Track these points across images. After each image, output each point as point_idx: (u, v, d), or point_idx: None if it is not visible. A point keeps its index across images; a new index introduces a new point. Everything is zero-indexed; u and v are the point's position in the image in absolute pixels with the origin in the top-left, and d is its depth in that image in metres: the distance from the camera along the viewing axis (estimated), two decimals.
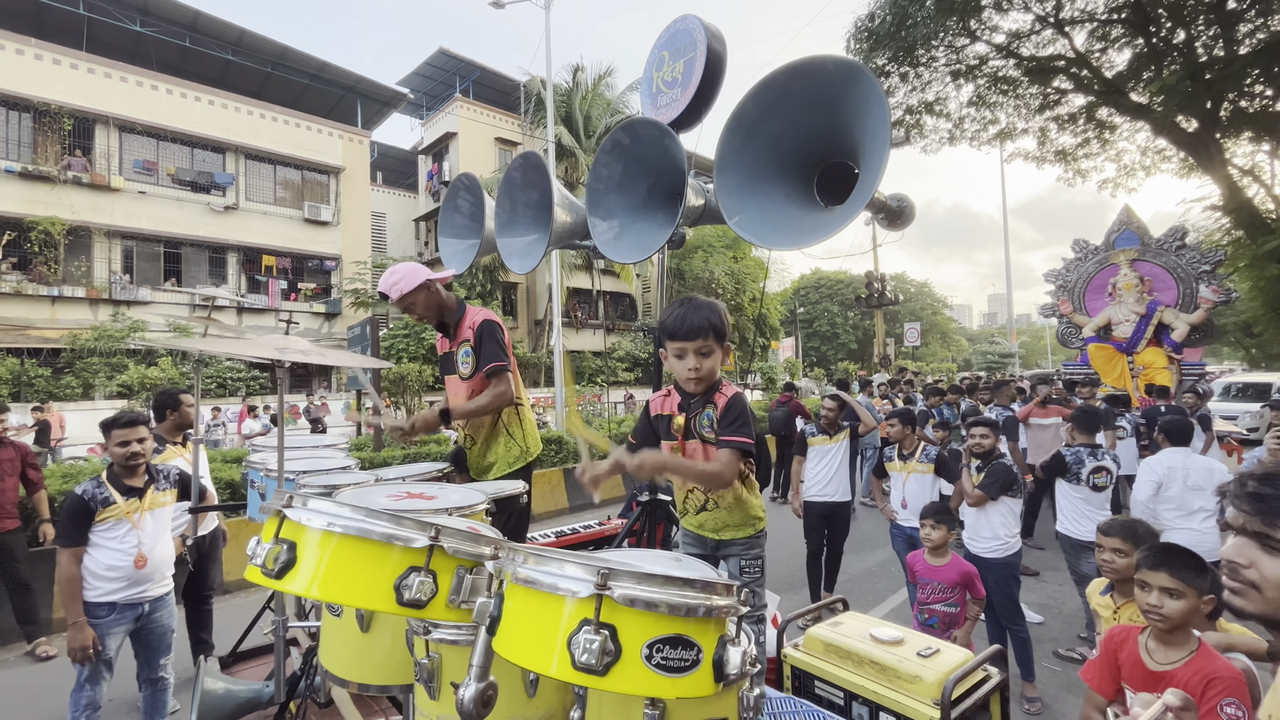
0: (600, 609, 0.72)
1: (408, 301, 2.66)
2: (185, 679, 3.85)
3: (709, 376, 1.84)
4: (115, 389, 14.87)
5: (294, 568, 0.85)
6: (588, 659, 0.69)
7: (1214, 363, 32.49)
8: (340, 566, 0.86)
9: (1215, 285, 9.91)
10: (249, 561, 0.91)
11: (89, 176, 16.86)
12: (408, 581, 0.84)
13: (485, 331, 2.66)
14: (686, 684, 0.74)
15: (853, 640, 2.35)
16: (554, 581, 0.76)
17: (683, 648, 0.74)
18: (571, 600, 0.74)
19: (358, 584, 0.85)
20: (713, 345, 1.81)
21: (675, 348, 1.84)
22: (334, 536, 0.86)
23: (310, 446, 3.09)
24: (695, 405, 1.90)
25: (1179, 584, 1.77)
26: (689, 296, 1.87)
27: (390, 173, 29.54)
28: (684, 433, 1.91)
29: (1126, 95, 10.27)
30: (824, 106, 1.97)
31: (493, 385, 2.65)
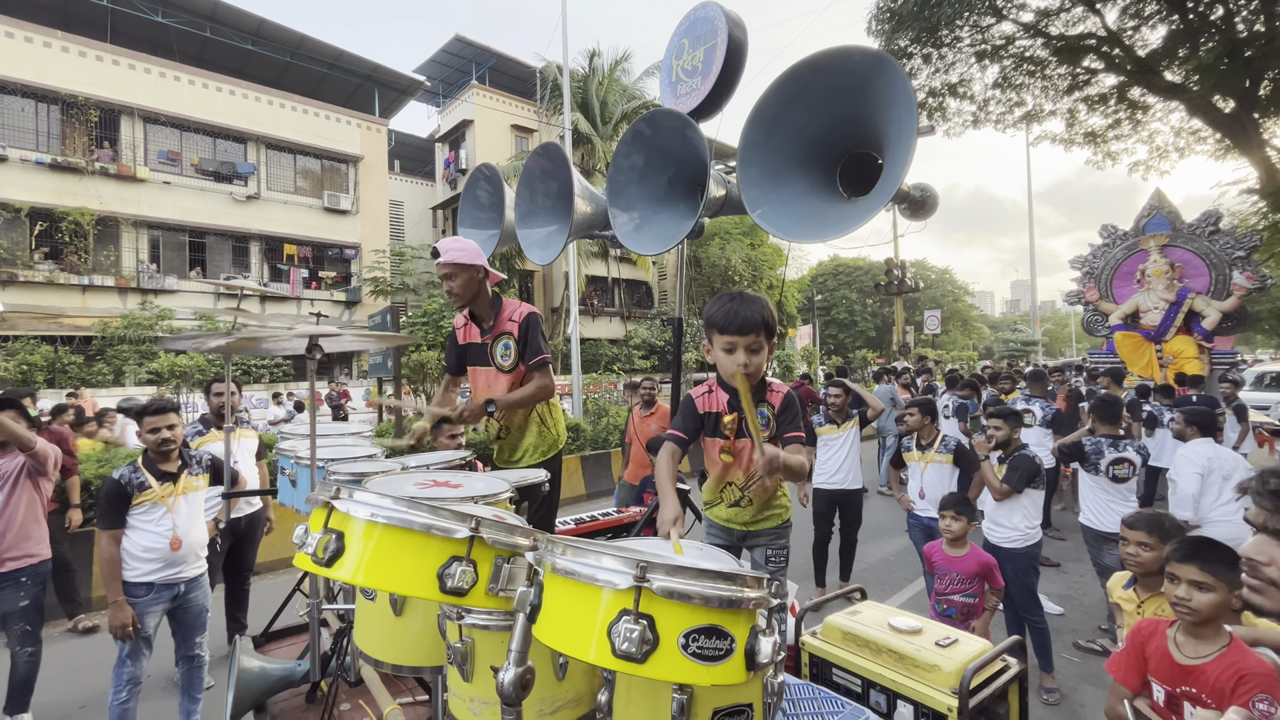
0: (639, 600, 0.75)
1: (454, 272, 2.65)
2: (220, 657, 4.01)
3: (757, 372, 1.83)
4: (145, 375, 15.27)
5: (342, 556, 0.90)
6: (628, 647, 0.72)
7: (1246, 351, 31.60)
8: (386, 555, 0.90)
9: (1249, 271, 9.63)
10: (298, 549, 0.95)
11: (116, 167, 17.19)
12: (450, 570, 0.88)
13: (531, 324, 2.69)
14: (720, 672, 0.77)
15: (871, 629, 2.37)
16: (593, 573, 0.79)
17: (717, 637, 0.77)
18: (610, 591, 0.77)
19: (403, 572, 0.90)
20: (763, 341, 1.79)
21: (725, 342, 1.81)
22: (379, 527, 0.90)
23: (337, 434, 3.16)
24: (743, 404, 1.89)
25: (1208, 577, 1.76)
26: (739, 290, 1.85)
27: (407, 161, 29.67)
28: (735, 431, 1.91)
29: (1160, 74, 9.93)
30: (848, 97, 1.95)
31: (537, 378, 2.68)
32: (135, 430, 3.07)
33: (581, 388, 12.33)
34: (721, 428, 1.90)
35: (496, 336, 2.75)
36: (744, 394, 1.63)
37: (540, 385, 2.67)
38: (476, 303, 2.76)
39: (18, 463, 3.38)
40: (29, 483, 3.39)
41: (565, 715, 1.18)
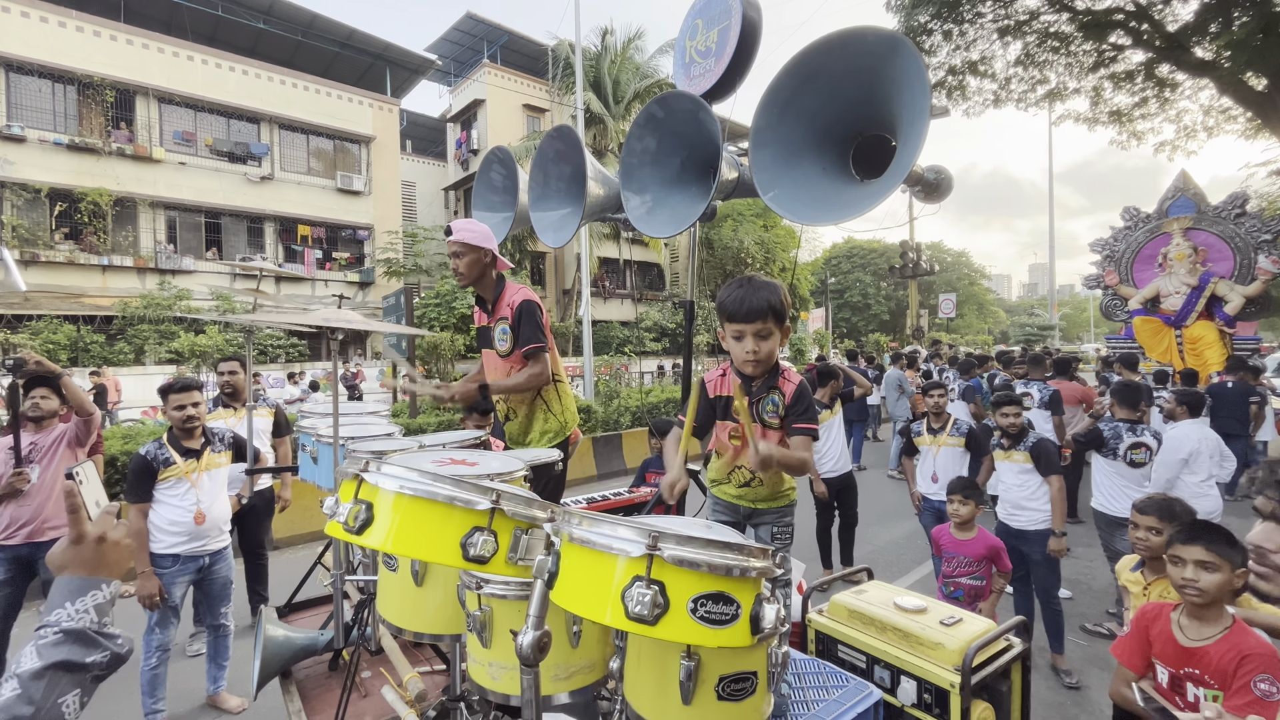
0: (651, 567, 0.80)
1: (462, 251, 2.70)
2: (244, 628, 4.16)
3: (768, 359, 1.82)
4: (165, 355, 15.57)
5: (371, 525, 0.95)
6: (640, 610, 0.77)
7: (1270, 337, 30.94)
8: (413, 525, 0.95)
9: (1275, 255, 9.41)
10: (328, 519, 1.01)
11: (132, 148, 17.35)
12: (473, 540, 0.93)
13: (524, 312, 2.71)
14: (726, 635, 0.82)
15: (876, 607, 2.42)
16: (608, 542, 0.84)
17: (724, 603, 0.82)
18: (624, 559, 0.82)
19: (428, 540, 0.95)
20: (772, 327, 1.78)
21: (734, 329, 1.81)
22: (406, 498, 0.96)
23: (355, 414, 3.24)
24: (758, 390, 1.88)
25: (1214, 557, 1.78)
26: (749, 276, 1.83)
27: (419, 141, 29.61)
28: (753, 416, 1.91)
29: (1190, 51, 9.63)
30: (862, 79, 1.94)
31: (529, 366, 2.72)
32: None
33: (593, 370, 12.39)
34: (732, 411, 1.92)
35: (497, 320, 2.81)
36: (742, 411, 1.67)
37: (531, 373, 2.70)
38: (481, 285, 2.82)
39: (55, 434, 3.51)
40: (69, 452, 3.52)
41: (579, 680, 1.24)
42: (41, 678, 0.77)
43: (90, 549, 0.88)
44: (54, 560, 0.88)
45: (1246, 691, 1.66)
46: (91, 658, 0.81)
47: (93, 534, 0.88)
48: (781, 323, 1.80)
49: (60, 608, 0.83)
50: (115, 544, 0.90)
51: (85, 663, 0.80)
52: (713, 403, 1.99)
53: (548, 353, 2.75)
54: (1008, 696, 2.36)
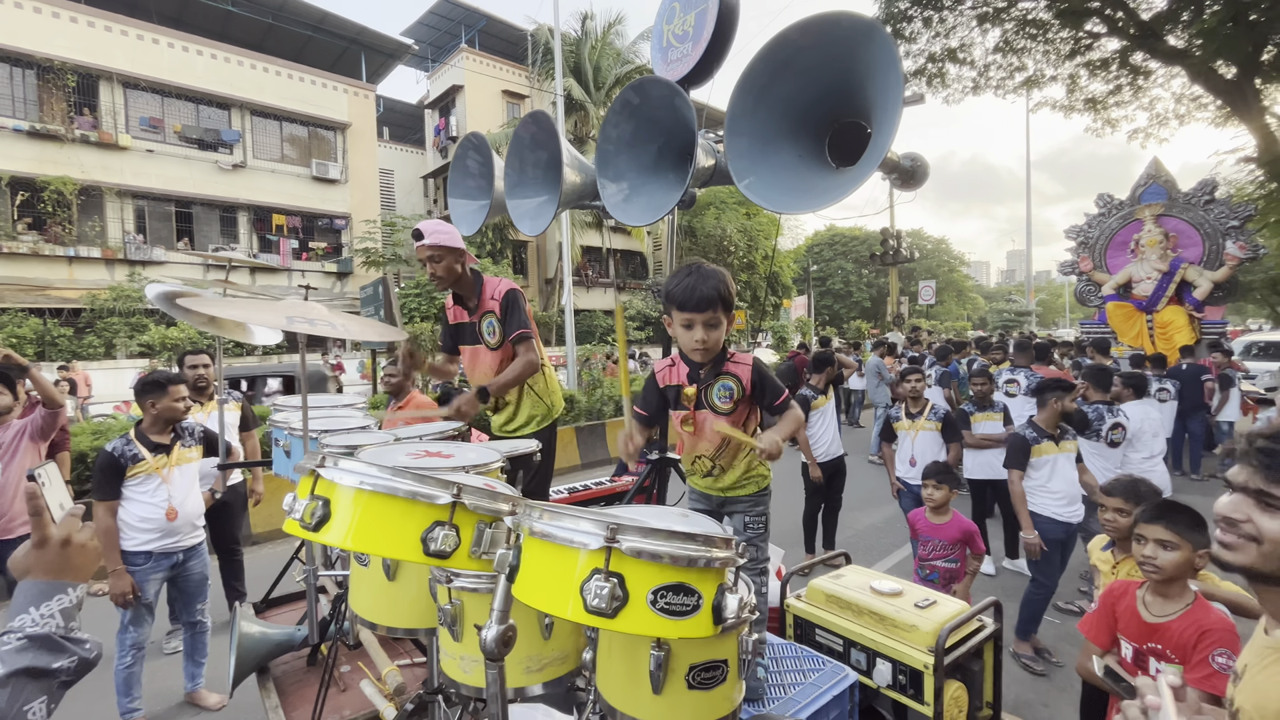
0: (610, 559, 0.79)
1: (439, 254, 2.69)
2: (221, 624, 4.11)
3: (715, 347, 1.84)
4: (137, 348, 15.20)
5: (329, 522, 0.93)
6: (598, 603, 0.76)
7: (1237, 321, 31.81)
8: (371, 520, 0.93)
9: (1242, 241, 9.64)
10: (287, 515, 0.99)
11: (97, 135, 16.79)
12: (433, 534, 0.92)
13: (510, 301, 2.73)
14: (687, 626, 0.82)
15: (853, 592, 2.46)
16: (568, 535, 0.83)
17: (684, 594, 0.81)
18: (584, 552, 0.81)
19: (387, 536, 0.93)
20: (720, 317, 1.80)
21: (683, 318, 1.81)
22: (365, 494, 0.94)
23: (330, 406, 3.19)
24: (706, 377, 1.90)
25: (1174, 536, 1.83)
26: (696, 263, 1.84)
27: (396, 128, 29.04)
28: (695, 403, 1.93)
29: (1163, 39, 9.76)
30: (837, 65, 1.92)
31: (521, 354, 2.74)
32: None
33: (576, 359, 12.35)
34: (682, 399, 1.93)
35: (482, 315, 2.81)
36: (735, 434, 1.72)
37: (526, 360, 2.73)
38: (459, 284, 2.83)
39: (15, 430, 3.41)
40: (31, 446, 3.43)
41: (551, 672, 1.23)
42: (5, 685, 0.75)
43: (55, 552, 0.86)
44: (17, 564, 0.86)
45: (1205, 665, 1.71)
46: (59, 663, 0.79)
47: (57, 537, 0.86)
48: (729, 311, 1.81)
49: (24, 613, 0.81)
50: (81, 547, 0.88)
51: (52, 669, 0.79)
52: (663, 392, 2.00)
53: (534, 339, 2.77)
54: (980, 675, 2.42)
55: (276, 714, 2.33)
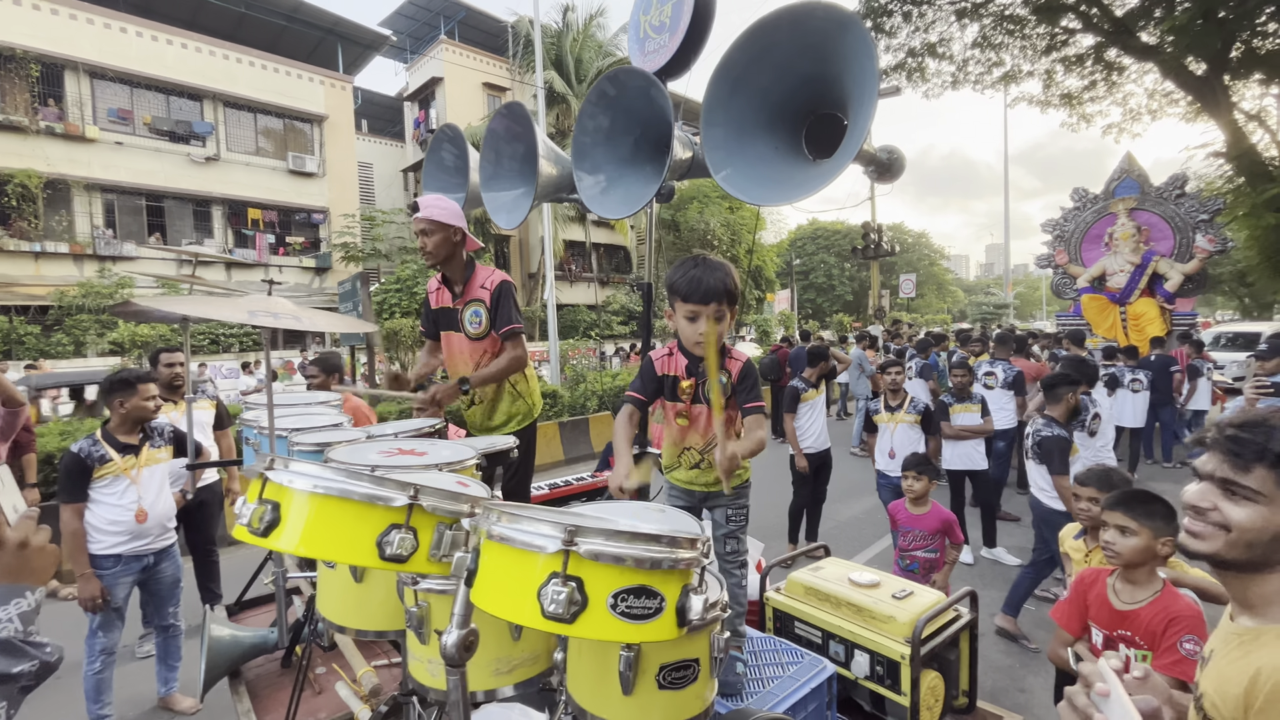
0: (568, 563, 0.76)
1: (431, 229, 2.60)
2: (196, 626, 4.02)
3: (717, 341, 1.80)
4: (107, 346, 14.81)
5: (279, 526, 0.89)
6: (555, 609, 0.74)
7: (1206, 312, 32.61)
8: (323, 525, 0.90)
9: (1211, 234, 9.85)
10: (236, 520, 0.95)
11: (63, 126, 16.26)
12: (389, 538, 0.89)
13: (504, 292, 2.64)
14: (650, 629, 0.79)
15: (832, 584, 2.47)
16: (526, 538, 0.80)
17: (646, 597, 0.79)
18: (541, 556, 0.79)
19: (340, 541, 0.90)
20: (725, 310, 1.77)
21: (687, 310, 1.78)
22: (316, 497, 0.90)
23: (304, 404, 3.12)
24: (705, 371, 1.86)
25: (1132, 522, 1.87)
26: (702, 256, 1.81)
27: (375, 121, 28.53)
28: (692, 396, 1.91)
29: (1136, 35, 9.90)
30: (812, 56, 1.91)
31: (509, 349, 2.66)
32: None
33: (559, 354, 12.29)
34: (679, 392, 1.91)
35: (467, 303, 2.71)
36: (711, 369, 1.63)
37: (513, 356, 2.65)
38: (449, 265, 2.71)
39: None
40: None
41: (521, 674, 1.21)
42: None
43: (11, 555, 0.83)
44: None
45: (1173, 651, 1.74)
46: (19, 668, 0.78)
47: (13, 540, 0.84)
48: (734, 304, 1.78)
49: None
50: (39, 549, 0.86)
51: (12, 673, 0.77)
52: (660, 380, 1.97)
53: (523, 335, 2.71)
54: (956, 664, 2.44)
55: (249, 718, 2.28)
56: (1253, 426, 0.94)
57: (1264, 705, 0.84)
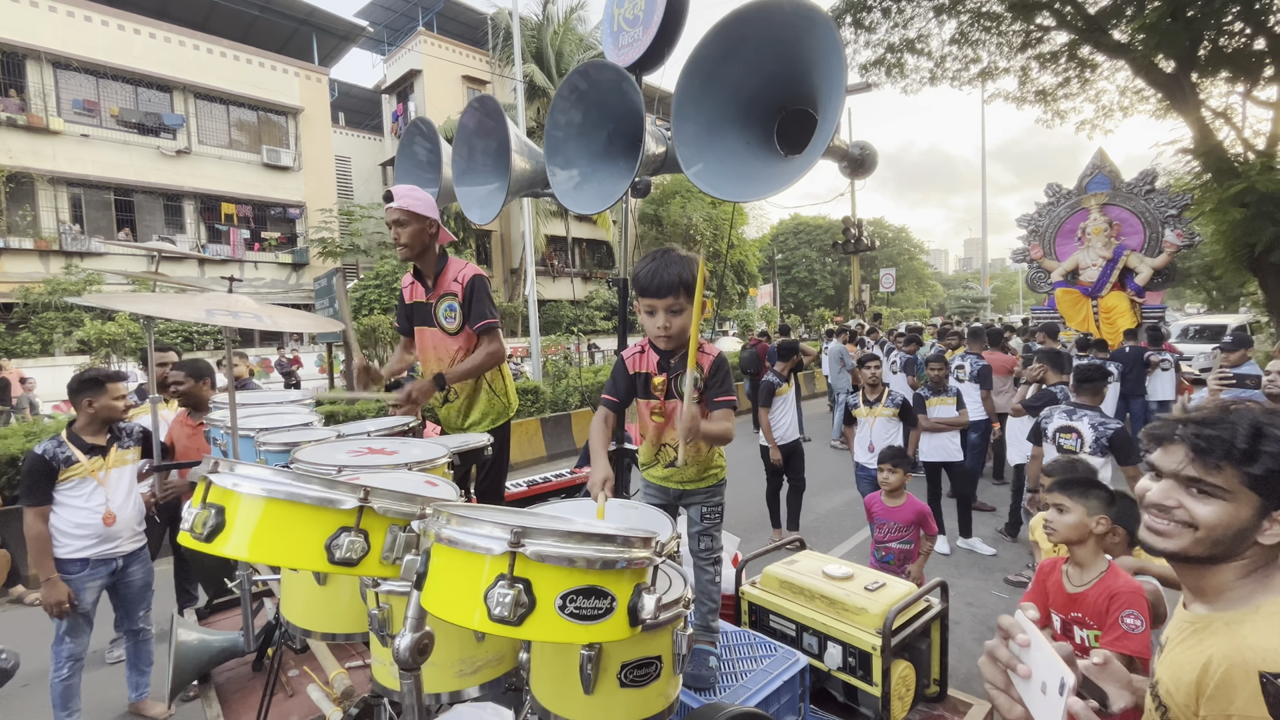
0: (514, 565, 0.75)
1: (406, 219, 2.54)
2: (167, 631, 3.95)
3: (680, 334, 1.80)
4: (74, 345, 14.41)
5: (223, 531, 0.87)
6: (501, 611, 0.73)
7: (1175, 305, 33.42)
8: (269, 529, 0.88)
9: (1180, 229, 10.09)
10: (180, 526, 0.93)
11: (25, 118, 15.74)
12: (338, 541, 0.87)
13: (477, 287, 2.59)
14: (600, 630, 0.79)
15: (806, 577, 2.49)
16: (473, 541, 0.79)
17: (596, 597, 0.79)
18: (488, 558, 0.78)
19: (287, 545, 0.88)
20: (684, 303, 1.76)
21: (646, 304, 1.79)
22: (261, 500, 0.88)
23: (274, 403, 3.06)
24: (676, 366, 1.86)
25: (1066, 500, 2.00)
26: (664, 249, 1.80)
27: (352, 114, 28.05)
28: (665, 392, 1.90)
29: (1108, 33, 10.08)
30: (781, 51, 1.91)
31: (484, 344, 2.62)
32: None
33: (541, 350, 12.22)
34: (651, 389, 1.90)
35: (440, 297, 2.66)
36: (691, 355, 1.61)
37: (488, 351, 2.61)
38: (423, 258, 2.66)
39: None
40: None
41: (485, 674, 1.20)
42: None
43: None
44: None
45: (1116, 627, 1.82)
46: None
47: None
48: (692, 297, 1.76)
49: None
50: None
51: None
52: (633, 379, 1.96)
53: (499, 329, 2.67)
54: (928, 654, 2.48)
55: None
56: (1217, 423, 0.93)
57: (1214, 692, 0.85)
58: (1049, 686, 0.71)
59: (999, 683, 0.79)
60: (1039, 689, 0.73)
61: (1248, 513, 0.87)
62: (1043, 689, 0.72)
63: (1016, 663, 0.76)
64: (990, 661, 0.80)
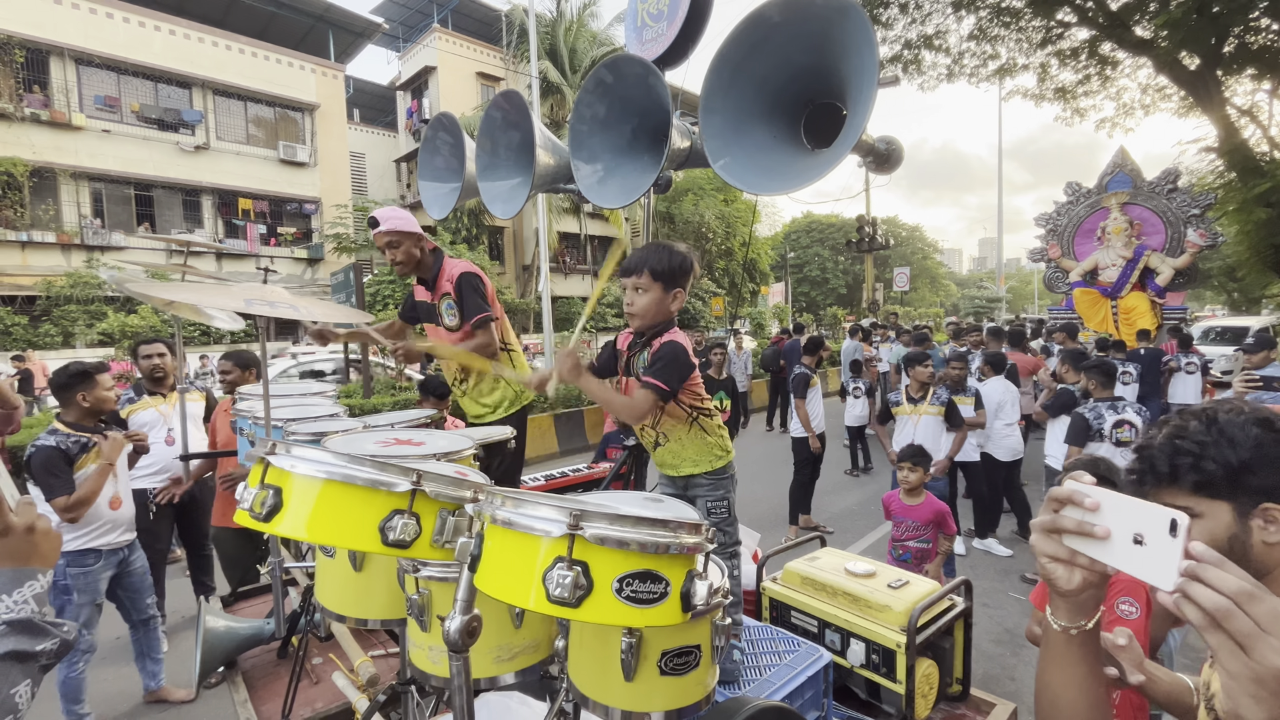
0: (573, 547, 0.76)
1: (398, 239, 2.70)
2: (188, 619, 4.01)
3: (642, 314, 1.87)
4: (96, 337, 14.65)
5: (281, 511, 0.89)
6: (561, 593, 0.74)
7: (1196, 307, 32.89)
8: (326, 510, 0.89)
9: (1203, 229, 9.92)
10: (238, 505, 0.94)
11: (48, 114, 16.00)
12: (392, 523, 0.88)
13: (464, 284, 2.71)
14: (655, 614, 0.80)
15: (828, 573, 2.48)
16: (530, 523, 0.80)
17: (651, 581, 0.79)
18: (546, 540, 0.79)
19: (343, 526, 0.89)
20: (647, 283, 1.84)
21: (620, 284, 1.92)
22: (319, 481, 0.89)
23: (299, 394, 3.10)
24: (636, 345, 1.96)
25: None
26: (661, 241, 1.90)
27: (368, 110, 28.24)
28: (625, 369, 1.99)
29: (1130, 29, 9.92)
30: (811, 44, 1.89)
31: (479, 335, 2.72)
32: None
33: (553, 346, 12.26)
34: (618, 365, 2.00)
35: (441, 297, 2.80)
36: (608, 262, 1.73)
37: (479, 343, 2.71)
38: (419, 268, 2.82)
39: None
40: None
41: (522, 661, 1.21)
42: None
43: (20, 540, 0.87)
44: None
45: (1111, 612, 1.86)
46: (40, 646, 0.82)
47: (20, 525, 0.87)
48: (660, 280, 1.85)
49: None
50: (45, 533, 0.90)
51: (34, 651, 0.81)
52: (615, 355, 2.07)
53: (495, 321, 2.75)
54: (950, 653, 2.47)
55: (245, 708, 2.28)
56: (1140, 451, 0.90)
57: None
58: (1148, 535, 0.63)
59: (1061, 555, 0.71)
60: (1128, 544, 0.65)
61: (1227, 519, 0.82)
62: (1136, 540, 0.64)
63: (1090, 527, 0.68)
64: (1045, 535, 0.72)
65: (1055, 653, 0.78)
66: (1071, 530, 0.70)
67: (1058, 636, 0.77)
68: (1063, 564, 0.73)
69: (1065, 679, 0.77)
